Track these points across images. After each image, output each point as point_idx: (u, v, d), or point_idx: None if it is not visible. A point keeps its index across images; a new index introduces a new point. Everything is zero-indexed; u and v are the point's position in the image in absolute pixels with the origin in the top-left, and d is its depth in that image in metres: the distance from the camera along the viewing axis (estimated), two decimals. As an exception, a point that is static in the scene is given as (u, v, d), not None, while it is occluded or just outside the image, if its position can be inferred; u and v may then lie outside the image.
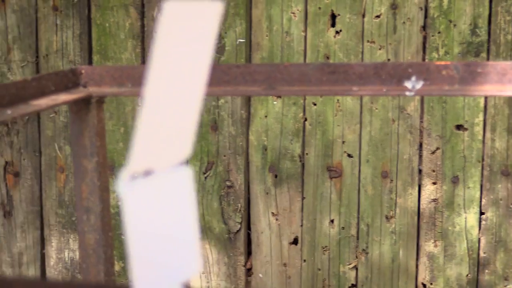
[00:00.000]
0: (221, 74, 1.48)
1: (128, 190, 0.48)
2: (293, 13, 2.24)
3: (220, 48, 2.29)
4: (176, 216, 0.53)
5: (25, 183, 2.53)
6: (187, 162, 2.55)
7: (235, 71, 1.47)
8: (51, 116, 2.48)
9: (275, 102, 2.28)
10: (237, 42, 2.28)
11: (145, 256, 0.49)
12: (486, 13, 2.14)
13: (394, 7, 2.18)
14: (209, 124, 2.32)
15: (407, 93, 1.36)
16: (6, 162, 2.54)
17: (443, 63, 1.35)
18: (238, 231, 2.35)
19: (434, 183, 2.23)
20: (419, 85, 1.37)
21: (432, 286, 2.27)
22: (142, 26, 2.36)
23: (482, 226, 2.22)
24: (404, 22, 2.18)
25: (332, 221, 2.29)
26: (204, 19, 0.51)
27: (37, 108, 1.38)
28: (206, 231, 2.36)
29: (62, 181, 2.49)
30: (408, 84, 1.35)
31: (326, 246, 2.31)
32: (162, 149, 0.51)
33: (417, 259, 2.27)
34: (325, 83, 1.41)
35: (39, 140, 2.50)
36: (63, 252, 2.53)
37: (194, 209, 0.55)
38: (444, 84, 1.36)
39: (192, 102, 0.53)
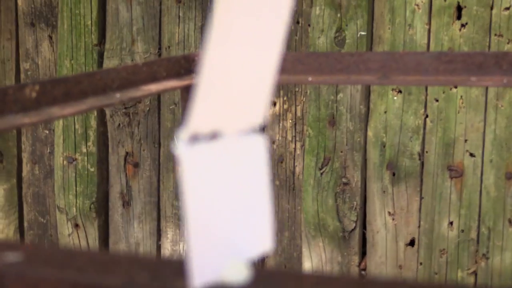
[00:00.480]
0: (334, 62, 1.44)
1: (188, 152, 0.45)
2: (417, 5, 2.17)
3: (340, 41, 2.25)
4: (244, 186, 0.50)
5: (144, 174, 2.56)
6: (265, 133, 2.53)
7: (349, 60, 1.43)
8: (171, 107, 2.50)
9: (395, 98, 2.21)
10: (358, 35, 2.23)
11: (204, 228, 0.46)
12: None
13: (525, -1, 2.07)
14: (327, 119, 2.28)
15: (531, 84, 1.27)
16: (127, 153, 2.58)
17: None
18: (353, 229, 2.30)
19: None
20: (545, 77, 1.28)
21: (558, 296, 2.14)
22: (262, 18, 2.35)
23: None
24: (535, 16, 2.07)
25: (451, 223, 2.20)
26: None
27: (146, 92, 1.39)
28: (320, 228, 2.32)
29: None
30: (531, 75, 1.27)
31: (444, 249, 2.22)
32: (230, 111, 0.48)
33: (543, 267, 2.15)
34: (442, 73, 1.35)
35: (158, 132, 2.53)
36: (177, 244, 2.55)
37: (266, 181, 0.51)
38: None
39: (265, 64, 0.49)
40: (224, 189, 0.48)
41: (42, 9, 2.64)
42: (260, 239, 0.51)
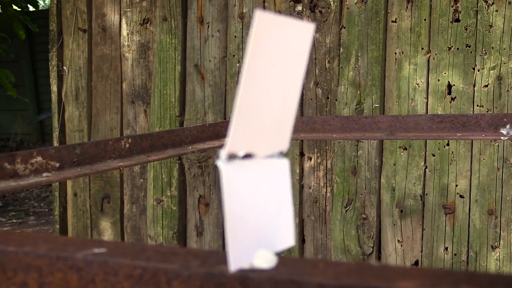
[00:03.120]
0: (352, 123, 1.43)
1: (227, 166, 0.44)
2: (418, 84, 2.15)
3: (360, 111, 2.24)
4: (271, 196, 0.49)
5: (213, 211, 2.56)
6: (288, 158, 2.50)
7: (364, 121, 1.42)
8: (233, 162, 2.50)
9: (402, 153, 2.18)
10: (373, 107, 2.22)
11: (239, 226, 0.45)
12: None
13: (499, 78, 2.04)
14: (350, 170, 2.25)
15: (502, 138, 1.24)
16: (200, 196, 2.59)
17: (535, 114, 1.23)
18: (370, 253, 2.25)
19: (534, 222, 2.03)
20: (514, 133, 1.25)
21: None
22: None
23: None
24: (508, 90, 2.03)
25: (446, 248, 2.14)
26: (297, 37, 0.47)
27: (211, 146, 1.39)
28: (345, 252, 2.28)
29: (239, 211, 2.49)
30: (503, 131, 1.24)
31: (441, 269, 2.14)
32: (261, 138, 0.47)
33: (519, 284, 2.06)
34: (435, 130, 1.33)
35: (224, 180, 2.53)
36: (238, 264, 2.52)
37: (289, 193, 0.51)
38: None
39: (289, 101, 0.49)
40: (255, 197, 0.47)
41: (140, 91, 2.69)
42: (284, 236, 0.50)
